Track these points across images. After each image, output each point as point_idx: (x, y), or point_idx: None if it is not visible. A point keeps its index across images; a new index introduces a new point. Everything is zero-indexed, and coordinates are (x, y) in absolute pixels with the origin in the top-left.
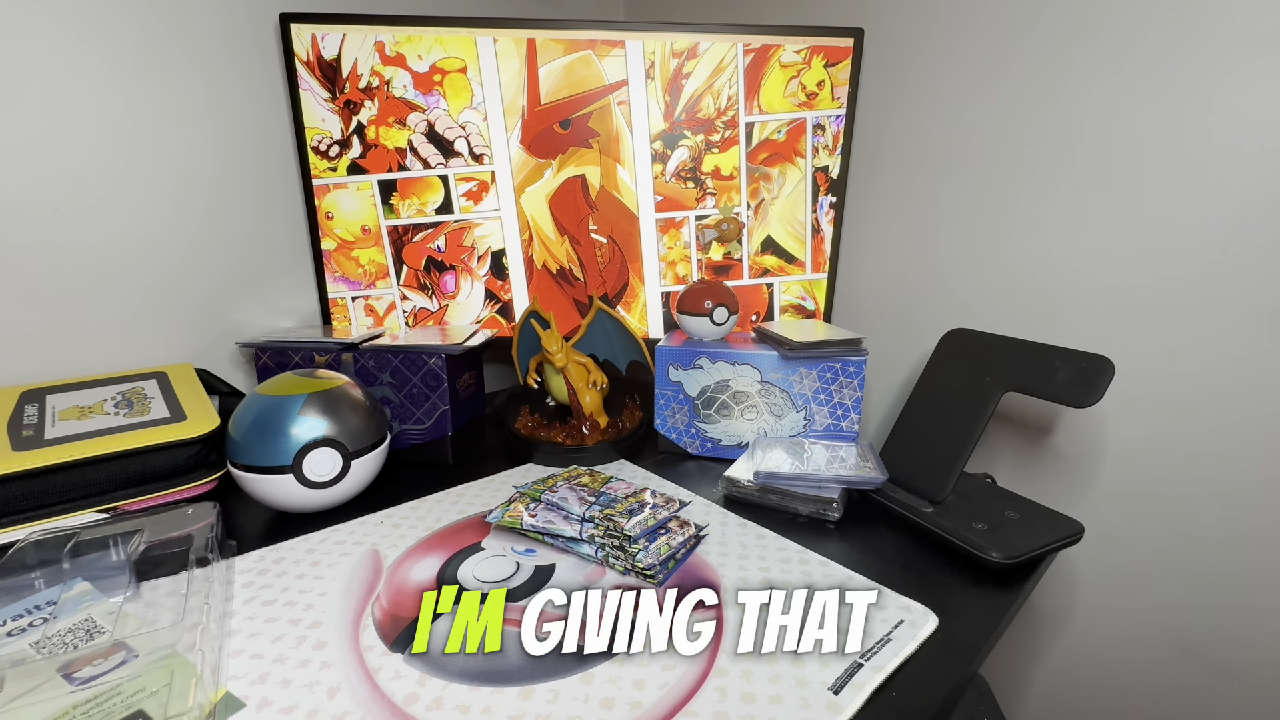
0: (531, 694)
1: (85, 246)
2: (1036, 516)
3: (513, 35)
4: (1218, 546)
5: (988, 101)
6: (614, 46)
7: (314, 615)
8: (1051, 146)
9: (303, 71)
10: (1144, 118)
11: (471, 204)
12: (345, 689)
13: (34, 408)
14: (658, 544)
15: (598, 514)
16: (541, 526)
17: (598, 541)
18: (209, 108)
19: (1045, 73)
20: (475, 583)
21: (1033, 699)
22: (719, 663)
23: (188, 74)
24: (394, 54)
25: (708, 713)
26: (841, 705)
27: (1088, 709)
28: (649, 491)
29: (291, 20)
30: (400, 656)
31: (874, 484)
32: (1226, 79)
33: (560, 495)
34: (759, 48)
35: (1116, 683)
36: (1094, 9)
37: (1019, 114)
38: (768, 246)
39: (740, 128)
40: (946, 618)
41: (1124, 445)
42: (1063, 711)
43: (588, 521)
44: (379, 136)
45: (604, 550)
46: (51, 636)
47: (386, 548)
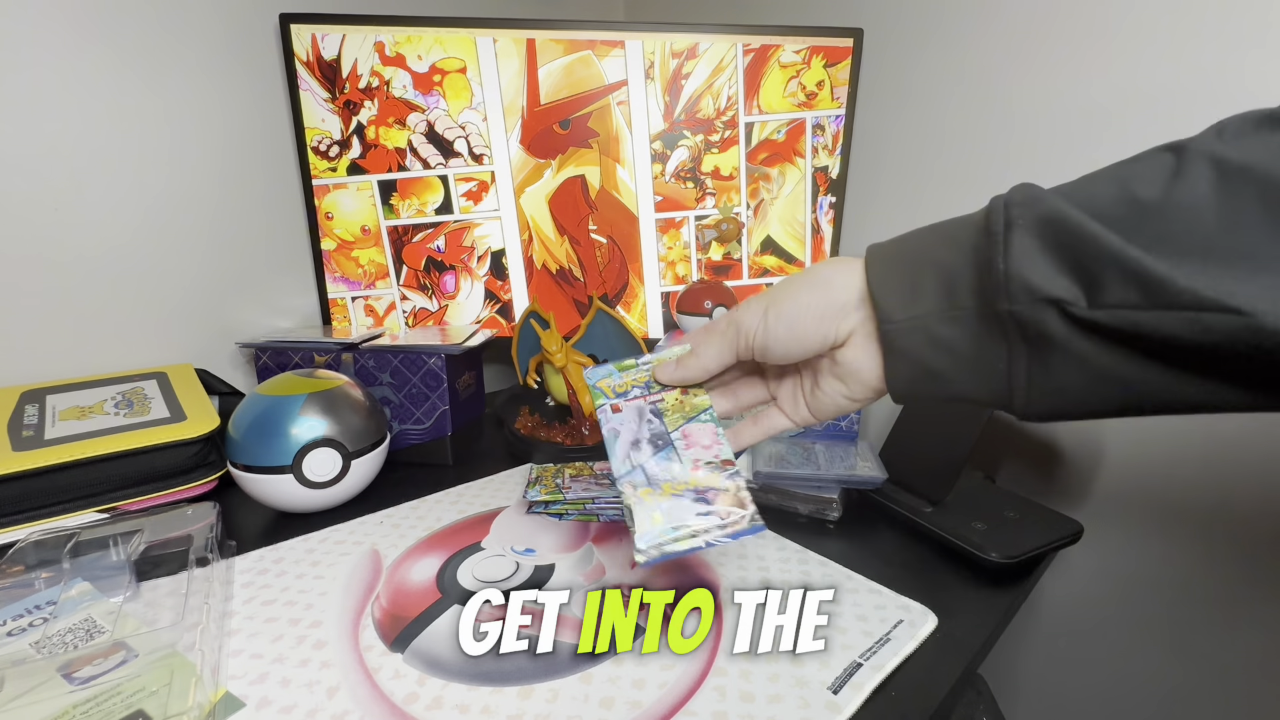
0: (531, 694)
1: (85, 246)
2: (1036, 516)
3: (512, 35)
4: (1218, 546)
5: (988, 101)
6: (614, 47)
7: (314, 615)
8: (1052, 146)
9: (303, 72)
10: (1145, 116)
11: (471, 204)
12: (345, 688)
13: (34, 408)
14: None
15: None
16: (583, 494)
17: None
18: (209, 108)
19: (1046, 72)
20: (475, 583)
21: (1032, 699)
22: (718, 662)
23: (188, 74)
24: (394, 54)
25: (707, 712)
26: (841, 705)
27: (1087, 709)
28: None
29: (291, 20)
30: (400, 656)
31: (874, 484)
32: (1231, 75)
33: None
34: (758, 48)
35: (1116, 682)
36: (1095, 8)
37: (1019, 113)
38: (767, 246)
39: (740, 128)
40: (946, 617)
41: (1123, 445)
42: (1062, 711)
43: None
44: (379, 137)
45: None
46: (51, 636)
47: (386, 548)
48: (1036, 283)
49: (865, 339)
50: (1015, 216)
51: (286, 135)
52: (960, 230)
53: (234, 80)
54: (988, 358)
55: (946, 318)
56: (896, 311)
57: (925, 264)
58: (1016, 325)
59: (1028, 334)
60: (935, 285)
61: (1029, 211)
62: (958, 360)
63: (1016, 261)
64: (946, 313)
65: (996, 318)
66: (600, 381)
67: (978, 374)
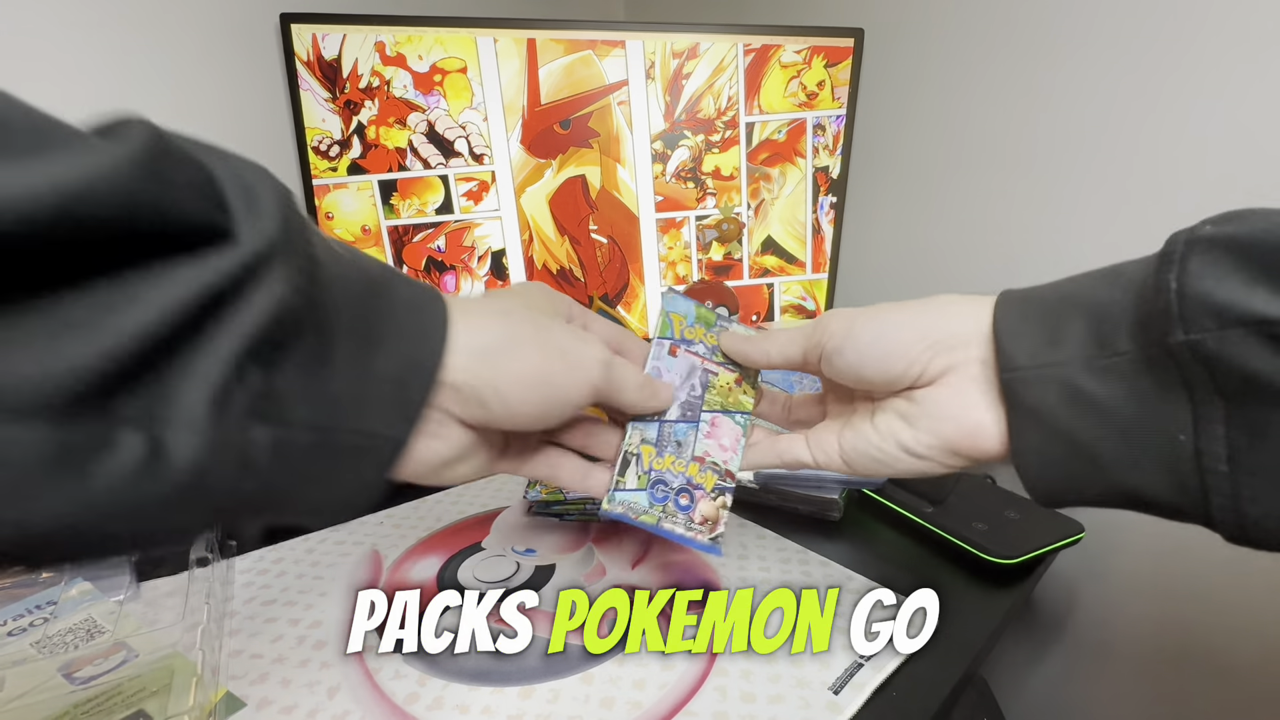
0: (531, 694)
1: None
2: (1037, 516)
3: (513, 35)
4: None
5: (988, 101)
6: (614, 46)
7: (314, 615)
8: (1053, 146)
9: (303, 72)
10: (1147, 116)
11: (472, 204)
12: (345, 688)
13: None
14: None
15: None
16: (582, 495)
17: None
18: (210, 108)
19: (1047, 72)
20: (475, 583)
21: (1033, 699)
22: (719, 662)
23: (188, 74)
24: (394, 54)
25: (708, 713)
26: (841, 705)
27: (1087, 709)
28: None
29: (292, 20)
30: (400, 656)
31: (874, 483)
32: (1235, 76)
33: None
34: (759, 48)
35: (1116, 683)
36: (1096, 8)
37: (1020, 113)
38: (768, 246)
39: (740, 128)
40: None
41: None
42: (1062, 712)
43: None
44: (379, 137)
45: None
46: (52, 636)
47: (386, 548)
48: (1223, 299)
49: (967, 381)
50: (1202, 235)
51: (287, 135)
52: (1131, 266)
53: (234, 80)
54: (1163, 424)
55: (1095, 366)
56: (1021, 355)
57: (1072, 306)
58: (1201, 365)
59: (1221, 379)
60: (1081, 328)
61: (1224, 228)
62: (1114, 427)
63: (1195, 277)
64: (1095, 359)
65: (1169, 359)
66: (675, 313)
67: (1146, 450)
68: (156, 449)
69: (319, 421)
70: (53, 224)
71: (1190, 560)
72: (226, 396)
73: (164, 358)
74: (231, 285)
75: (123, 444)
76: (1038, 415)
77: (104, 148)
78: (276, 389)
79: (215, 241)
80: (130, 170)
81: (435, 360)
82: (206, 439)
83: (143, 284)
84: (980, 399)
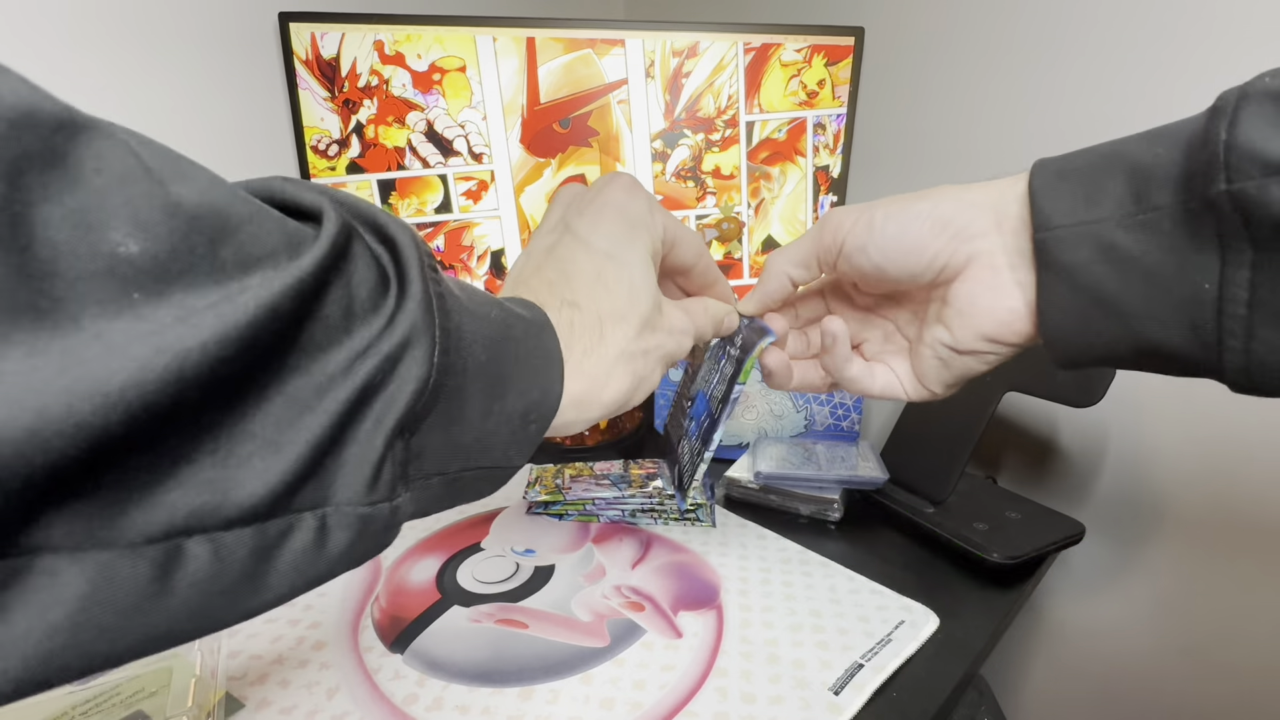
0: (531, 694)
1: None
2: (1037, 517)
3: (512, 34)
4: (1218, 546)
5: (989, 99)
6: (614, 45)
7: (313, 615)
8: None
9: (302, 71)
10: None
11: (471, 203)
12: (344, 689)
13: None
14: None
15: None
16: (583, 495)
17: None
18: (208, 107)
19: (1047, 71)
20: (475, 583)
21: (1033, 699)
22: (719, 663)
23: (187, 74)
24: (393, 53)
25: (708, 713)
26: (842, 706)
27: (1088, 709)
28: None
29: (291, 19)
30: (399, 657)
31: (874, 484)
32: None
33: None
34: (759, 46)
35: (1116, 683)
36: (1096, 7)
37: (1020, 113)
38: (769, 246)
39: (740, 127)
40: (947, 618)
41: (1125, 445)
42: (1063, 712)
43: (623, 481)
44: (378, 136)
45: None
46: None
47: None
48: (1272, 148)
49: (992, 271)
50: (1256, 89)
51: (286, 134)
52: (1174, 126)
53: (233, 79)
54: (1190, 275)
55: (1132, 222)
56: (1059, 215)
57: (1111, 165)
58: (1239, 214)
59: (1255, 227)
60: (1122, 186)
61: (1277, 80)
62: (1142, 279)
63: (1246, 128)
64: (1132, 215)
65: (1207, 212)
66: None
67: (1173, 302)
68: (323, 531)
69: (449, 469)
70: (250, 345)
71: (1190, 560)
72: (379, 473)
73: (331, 454)
74: (383, 373)
75: (297, 529)
76: (1069, 272)
77: (301, 261)
78: (414, 452)
79: (374, 325)
80: (318, 275)
81: (553, 404)
82: (359, 515)
83: (310, 388)
84: (1009, 284)
